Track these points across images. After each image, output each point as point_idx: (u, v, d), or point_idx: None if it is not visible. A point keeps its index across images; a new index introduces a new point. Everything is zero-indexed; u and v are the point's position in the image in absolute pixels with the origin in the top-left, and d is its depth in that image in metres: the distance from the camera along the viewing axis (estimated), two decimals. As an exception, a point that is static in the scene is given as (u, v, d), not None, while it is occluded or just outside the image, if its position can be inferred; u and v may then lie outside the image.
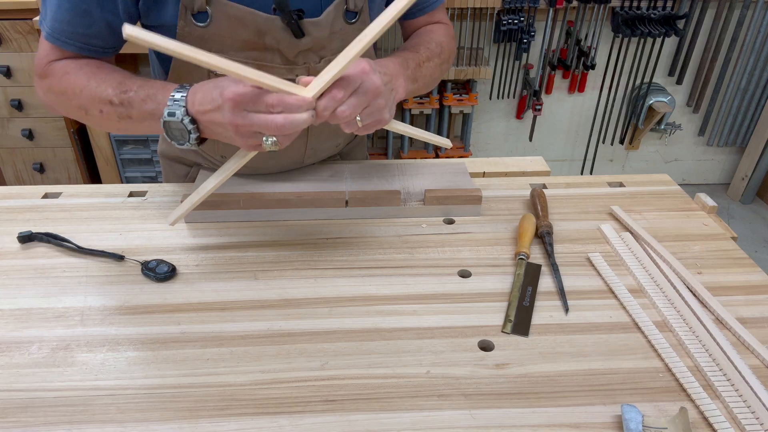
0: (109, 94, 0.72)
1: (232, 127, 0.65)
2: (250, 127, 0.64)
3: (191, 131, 0.68)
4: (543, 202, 0.89)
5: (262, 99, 0.63)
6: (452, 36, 0.94)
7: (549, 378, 0.62)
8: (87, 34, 0.75)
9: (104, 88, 0.73)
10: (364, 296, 0.74)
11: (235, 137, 0.66)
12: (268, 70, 0.81)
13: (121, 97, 0.72)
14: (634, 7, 2.31)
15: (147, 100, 0.70)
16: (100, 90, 0.73)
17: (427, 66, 0.84)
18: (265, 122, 0.63)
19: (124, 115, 0.72)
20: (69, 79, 0.76)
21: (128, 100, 0.71)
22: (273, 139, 0.65)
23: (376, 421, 0.58)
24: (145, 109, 0.71)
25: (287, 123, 0.63)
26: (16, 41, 2.02)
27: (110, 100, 0.72)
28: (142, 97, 0.71)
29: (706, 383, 0.62)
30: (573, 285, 0.76)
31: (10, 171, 2.31)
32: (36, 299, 0.72)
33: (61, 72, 0.77)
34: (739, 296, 0.75)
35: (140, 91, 0.71)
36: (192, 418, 0.57)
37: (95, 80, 0.74)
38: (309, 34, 0.78)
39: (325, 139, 0.95)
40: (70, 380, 0.61)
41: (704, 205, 0.92)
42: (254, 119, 0.64)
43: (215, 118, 0.66)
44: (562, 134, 2.71)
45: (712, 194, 0.97)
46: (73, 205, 0.91)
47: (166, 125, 0.68)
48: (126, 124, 0.74)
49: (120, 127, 0.75)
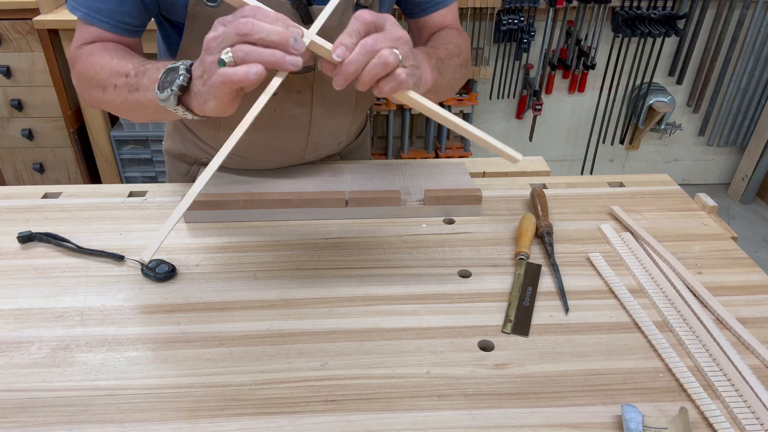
0: (128, 68, 0.71)
1: (204, 48, 0.59)
2: (216, 38, 0.58)
3: (180, 76, 0.62)
4: (543, 202, 0.89)
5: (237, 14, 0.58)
6: (468, 43, 0.91)
7: (549, 378, 0.62)
8: (119, 11, 0.77)
9: (125, 63, 0.72)
10: (364, 296, 0.74)
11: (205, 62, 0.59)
12: None
13: (138, 69, 0.70)
14: (634, 7, 2.31)
15: (161, 68, 0.67)
16: (120, 65, 0.72)
17: (449, 63, 0.80)
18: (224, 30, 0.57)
19: (133, 87, 0.70)
20: (93, 59, 0.76)
21: (144, 71, 0.69)
22: (229, 53, 0.57)
23: (376, 421, 0.58)
24: (154, 77, 0.67)
25: (250, 23, 0.56)
26: (16, 41, 2.03)
27: (127, 73, 0.71)
28: (158, 66, 0.68)
29: (707, 383, 0.62)
30: (573, 285, 0.76)
31: (10, 171, 2.31)
32: (36, 299, 0.72)
33: (87, 54, 0.77)
34: (740, 296, 0.74)
35: (158, 63, 0.69)
36: (192, 418, 0.57)
37: (118, 58, 0.74)
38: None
39: (328, 133, 0.95)
40: (70, 380, 0.61)
41: (704, 205, 0.92)
42: (220, 31, 0.58)
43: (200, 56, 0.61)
44: (562, 134, 2.72)
45: (712, 194, 0.97)
46: (73, 205, 0.91)
47: (165, 72, 0.64)
48: (133, 99, 0.71)
49: (127, 105, 0.73)
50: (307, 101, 0.87)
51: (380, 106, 2.38)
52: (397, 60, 0.59)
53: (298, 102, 0.87)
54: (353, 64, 0.59)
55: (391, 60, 0.59)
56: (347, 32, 0.59)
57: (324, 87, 0.87)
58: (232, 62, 0.56)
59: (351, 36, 0.58)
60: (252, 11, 0.57)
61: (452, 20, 0.94)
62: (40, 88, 2.11)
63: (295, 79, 0.84)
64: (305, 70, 0.83)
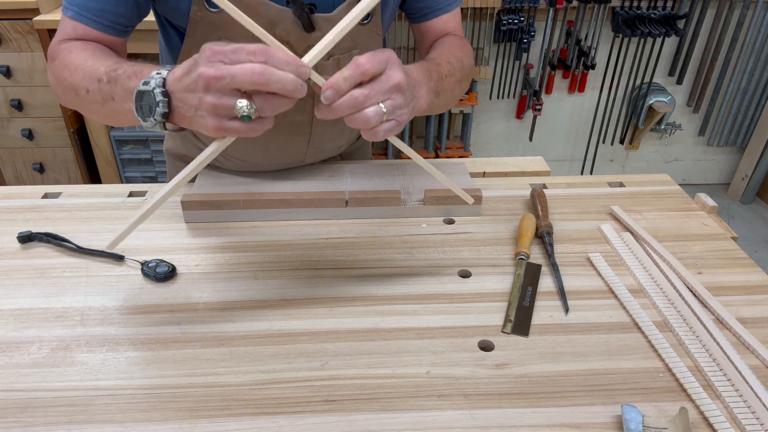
0: (100, 72, 0.68)
1: (203, 85, 0.55)
2: (222, 79, 0.54)
3: (159, 103, 0.59)
4: (543, 202, 0.89)
5: (243, 49, 0.55)
6: (471, 53, 0.90)
7: (549, 378, 0.62)
8: (111, 11, 0.77)
9: (98, 66, 0.69)
10: (364, 296, 0.74)
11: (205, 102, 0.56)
12: None
13: (110, 74, 0.66)
14: (634, 7, 2.31)
15: (132, 77, 0.64)
16: (94, 68, 0.69)
17: (448, 81, 0.80)
18: (240, 69, 0.54)
19: (108, 96, 0.66)
20: (71, 57, 0.73)
21: (116, 77, 0.66)
22: (247, 103, 0.55)
23: (376, 421, 0.58)
24: (128, 87, 0.64)
25: (267, 73, 0.54)
26: (16, 41, 2.03)
27: (99, 78, 0.67)
28: (129, 74, 0.64)
29: (707, 383, 0.62)
30: (573, 285, 0.76)
31: (10, 171, 2.31)
32: (36, 299, 0.72)
33: (65, 51, 0.75)
34: (740, 296, 0.74)
35: (129, 69, 0.65)
36: (192, 418, 0.57)
37: (93, 59, 0.71)
38: (319, 29, 0.78)
39: (328, 139, 0.95)
40: (70, 380, 0.61)
41: (704, 205, 0.92)
42: (224, 69, 0.54)
43: (188, 82, 0.57)
44: (562, 134, 2.72)
45: (712, 194, 0.97)
46: (72, 205, 0.91)
47: (138, 96, 0.61)
48: (109, 108, 0.68)
49: (104, 112, 0.70)
50: (308, 108, 0.87)
51: (380, 106, 2.38)
52: (380, 118, 0.61)
53: (300, 109, 0.87)
54: (337, 111, 0.60)
55: (374, 120, 0.60)
56: (343, 75, 0.58)
57: None
58: (257, 115, 0.57)
59: (345, 81, 0.58)
60: (261, 54, 0.55)
61: (455, 26, 0.94)
62: (40, 88, 2.11)
63: None
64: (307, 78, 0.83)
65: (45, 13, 1.98)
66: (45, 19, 1.95)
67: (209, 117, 0.56)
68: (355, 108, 0.59)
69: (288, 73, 0.55)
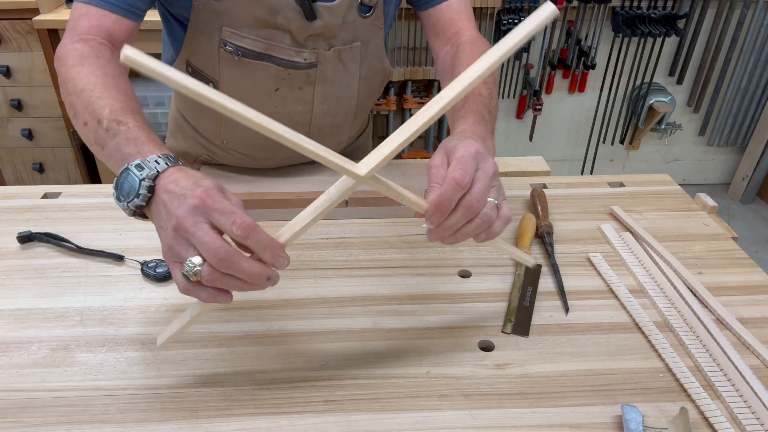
0: (104, 113, 0.62)
1: (174, 224, 0.50)
2: (189, 234, 0.49)
3: (140, 196, 0.53)
4: (543, 202, 0.89)
5: (231, 216, 0.49)
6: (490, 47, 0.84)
7: (549, 378, 0.62)
8: None
9: (103, 104, 0.63)
10: (364, 296, 0.73)
11: (167, 234, 0.51)
12: (277, 50, 0.82)
13: (111, 123, 0.61)
14: (635, 7, 2.31)
15: (130, 142, 0.58)
16: (98, 104, 0.63)
17: (493, 104, 0.74)
18: (207, 243, 0.48)
19: (101, 141, 0.62)
20: (79, 75, 0.67)
21: (115, 131, 0.60)
22: (197, 266, 0.49)
23: (376, 421, 0.57)
24: (123, 151, 0.58)
25: (228, 261, 0.48)
26: (15, 41, 2.02)
27: (99, 119, 0.62)
28: (129, 138, 0.59)
29: (707, 383, 0.62)
30: (573, 285, 0.76)
31: (10, 171, 2.31)
32: (35, 299, 0.72)
33: (74, 58, 0.69)
34: (740, 296, 0.74)
35: (132, 130, 0.60)
36: (192, 418, 0.57)
37: (100, 89, 0.65)
38: (321, 18, 0.78)
39: (328, 134, 0.95)
40: (70, 380, 0.61)
41: (705, 205, 0.92)
42: (199, 230, 0.48)
43: (171, 203, 0.51)
44: (563, 134, 2.71)
45: (712, 194, 0.97)
46: (72, 205, 0.91)
47: (124, 173, 0.55)
48: (97, 150, 0.64)
49: (92, 147, 0.65)
50: (308, 98, 0.87)
51: (380, 106, 2.38)
52: (495, 212, 0.56)
53: (300, 99, 0.87)
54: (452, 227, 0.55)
55: (492, 217, 0.55)
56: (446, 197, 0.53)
57: (326, 84, 0.87)
58: (195, 279, 0.50)
59: (450, 202, 0.53)
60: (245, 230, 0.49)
61: (466, 16, 0.88)
62: (40, 88, 2.11)
63: (297, 75, 0.84)
64: (307, 66, 0.83)
65: (45, 13, 1.98)
66: (45, 18, 1.95)
67: (165, 245, 0.51)
68: (471, 215, 0.54)
69: (255, 266, 0.50)
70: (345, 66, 0.86)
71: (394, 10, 0.89)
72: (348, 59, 0.86)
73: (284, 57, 0.81)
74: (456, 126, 0.68)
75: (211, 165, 1.01)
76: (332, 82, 0.87)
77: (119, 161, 0.58)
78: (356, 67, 0.88)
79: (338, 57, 0.84)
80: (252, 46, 0.80)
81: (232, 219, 0.49)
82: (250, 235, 0.49)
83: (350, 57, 0.86)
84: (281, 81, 0.84)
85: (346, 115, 0.94)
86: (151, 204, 0.54)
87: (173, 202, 0.51)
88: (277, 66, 0.82)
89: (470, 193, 0.54)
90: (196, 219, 0.49)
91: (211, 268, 0.49)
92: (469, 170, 0.54)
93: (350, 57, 0.86)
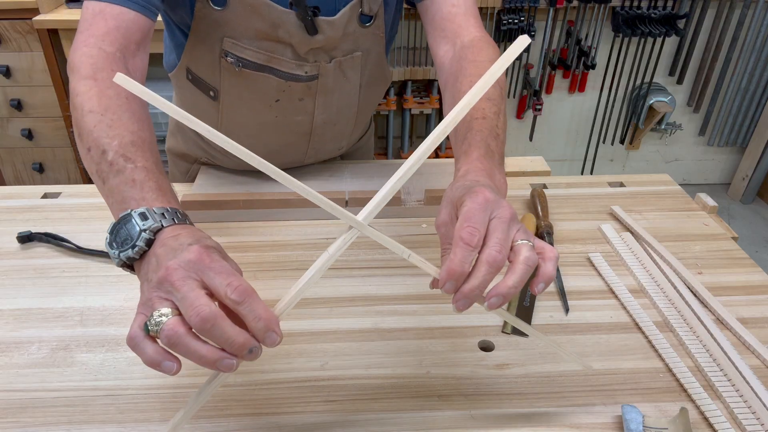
0: (112, 144, 0.57)
1: (162, 273, 0.45)
2: (173, 287, 0.44)
3: (136, 247, 0.49)
4: (543, 202, 0.89)
5: (228, 277, 0.45)
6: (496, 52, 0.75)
7: (549, 378, 0.62)
8: None
9: (113, 134, 0.57)
10: (364, 296, 0.73)
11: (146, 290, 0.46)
12: (278, 62, 0.81)
13: (118, 159, 0.56)
14: (635, 7, 2.31)
15: (135, 185, 0.54)
16: (107, 132, 0.58)
17: (501, 124, 0.67)
18: (191, 302, 0.43)
19: (103, 174, 0.57)
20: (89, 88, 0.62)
21: (121, 168, 0.55)
22: (164, 315, 0.43)
23: (376, 421, 0.57)
24: (124, 191, 0.54)
25: (210, 323, 0.42)
26: (15, 41, 2.03)
27: (104, 150, 0.56)
28: (135, 179, 0.54)
29: (707, 383, 0.62)
30: (573, 285, 0.76)
31: (10, 171, 2.31)
32: (35, 299, 0.72)
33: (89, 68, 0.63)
34: (740, 296, 0.74)
35: (138, 173, 0.55)
36: (192, 419, 0.57)
37: (110, 115, 0.59)
38: (322, 32, 0.78)
39: (329, 141, 0.94)
40: (70, 380, 0.61)
41: (705, 205, 0.92)
42: (186, 286, 0.44)
43: (165, 255, 0.47)
44: (563, 134, 2.71)
45: (712, 194, 0.97)
46: (72, 205, 0.91)
47: (124, 218, 0.50)
48: (97, 181, 0.58)
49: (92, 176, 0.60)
50: (309, 109, 0.87)
51: (380, 106, 2.38)
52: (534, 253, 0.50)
53: (300, 109, 0.87)
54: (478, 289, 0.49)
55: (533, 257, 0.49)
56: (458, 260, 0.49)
57: (326, 95, 0.86)
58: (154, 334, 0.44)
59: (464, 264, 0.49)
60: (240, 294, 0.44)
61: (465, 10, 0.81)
62: (40, 88, 2.11)
63: (298, 87, 0.84)
64: (308, 79, 0.83)
65: (45, 13, 1.98)
66: (45, 18, 1.95)
67: (144, 298, 0.46)
68: (496, 270, 0.49)
69: (240, 334, 0.44)
70: (345, 76, 0.86)
71: (395, 16, 0.88)
72: (349, 69, 0.85)
73: (285, 69, 0.81)
74: (459, 163, 0.62)
75: (211, 166, 1.01)
76: (333, 92, 0.87)
77: (119, 202, 0.54)
78: (357, 76, 0.87)
79: (339, 68, 0.84)
80: (253, 58, 0.79)
81: (229, 280, 0.44)
82: (246, 300, 0.44)
83: (351, 67, 0.85)
84: (282, 92, 0.84)
85: (347, 122, 0.94)
86: (143, 258, 0.49)
87: (168, 254, 0.46)
88: (278, 78, 0.82)
89: (487, 246, 0.49)
90: (186, 274, 0.44)
91: (177, 325, 0.43)
92: (479, 226, 0.49)
93: (351, 67, 0.85)
